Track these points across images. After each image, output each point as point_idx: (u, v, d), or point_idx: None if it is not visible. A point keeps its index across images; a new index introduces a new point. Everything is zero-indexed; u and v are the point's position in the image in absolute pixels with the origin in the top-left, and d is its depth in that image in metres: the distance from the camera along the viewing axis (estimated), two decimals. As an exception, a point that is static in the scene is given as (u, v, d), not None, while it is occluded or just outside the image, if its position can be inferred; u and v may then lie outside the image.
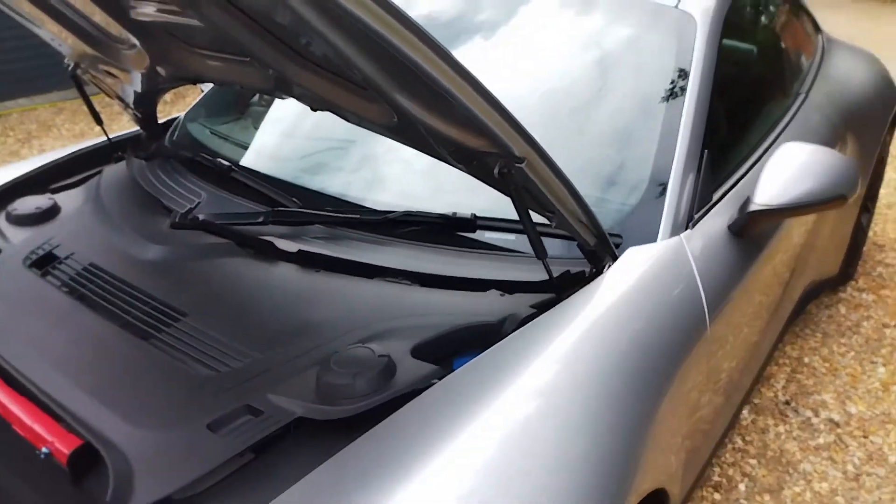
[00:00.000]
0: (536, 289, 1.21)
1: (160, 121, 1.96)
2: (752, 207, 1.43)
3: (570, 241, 1.25)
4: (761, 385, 2.43)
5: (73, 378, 1.08)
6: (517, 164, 1.05)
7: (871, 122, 2.48)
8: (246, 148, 1.79)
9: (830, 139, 2.11)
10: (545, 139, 1.09)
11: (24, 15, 1.49)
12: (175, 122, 2.00)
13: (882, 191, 3.87)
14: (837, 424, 2.27)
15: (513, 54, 1.71)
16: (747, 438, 2.20)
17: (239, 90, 1.96)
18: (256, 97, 2.02)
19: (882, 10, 9.40)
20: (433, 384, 1.01)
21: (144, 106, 1.82)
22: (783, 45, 2.27)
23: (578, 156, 1.51)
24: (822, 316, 2.82)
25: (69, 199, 1.64)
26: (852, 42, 2.99)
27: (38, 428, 1.01)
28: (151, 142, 1.87)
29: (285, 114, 1.81)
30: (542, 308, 1.17)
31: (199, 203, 1.51)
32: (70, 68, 1.72)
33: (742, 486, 2.03)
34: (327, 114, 1.26)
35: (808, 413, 2.32)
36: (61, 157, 1.84)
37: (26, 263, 1.37)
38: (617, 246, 1.32)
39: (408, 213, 1.35)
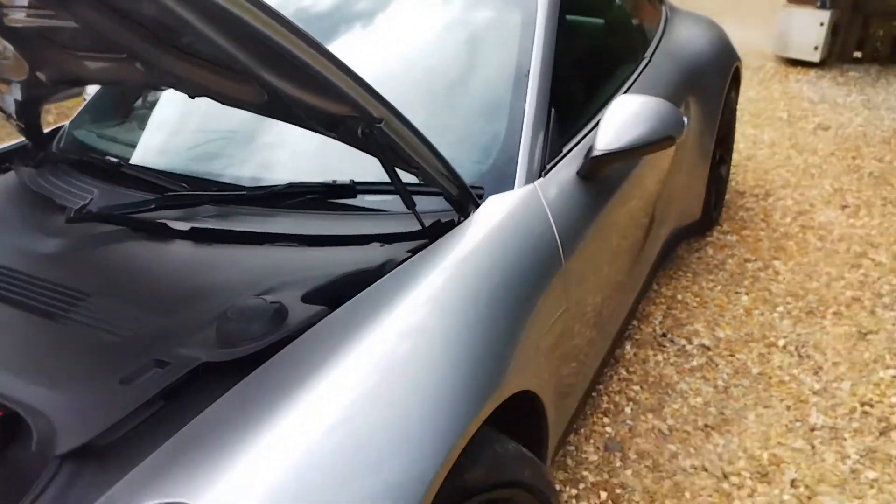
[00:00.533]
0: (411, 238, 1.38)
1: (45, 130, 2.00)
2: (594, 153, 1.65)
3: (440, 197, 1.42)
4: (641, 322, 2.70)
5: None
6: (377, 125, 1.21)
7: (711, 81, 2.78)
8: (133, 146, 1.87)
9: (671, 95, 2.37)
10: (412, 109, 1.27)
11: None
12: (60, 131, 2.05)
13: (742, 144, 4.28)
14: (708, 348, 2.56)
15: (378, 38, 1.89)
16: (630, 369, 2.45)
17: (122, 91, 2.04)
18: (140, 101, 2.10)
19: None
20: (318, 323, 1.15)
21: (27, 115, 1.87)
22: (627, 16, 2.53)
23: (442, 121, 1.70)
24: (692, 258, 3.13)
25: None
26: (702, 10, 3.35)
27: None
28: (38, 151, 1.92)
29: (169, 111, 1.90)
30: (416, 252, 1.33)
31: (91, 199, 1.59)
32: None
33: (628, 409, 2.28)
34: (209, 108, 1.38)
35: (683, 342, 2.59)
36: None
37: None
38: (480, 196, 1.50)
39: (291, 185, 1.49)
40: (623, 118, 1.66)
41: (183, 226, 1.45)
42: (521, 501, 1.28)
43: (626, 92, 2.16)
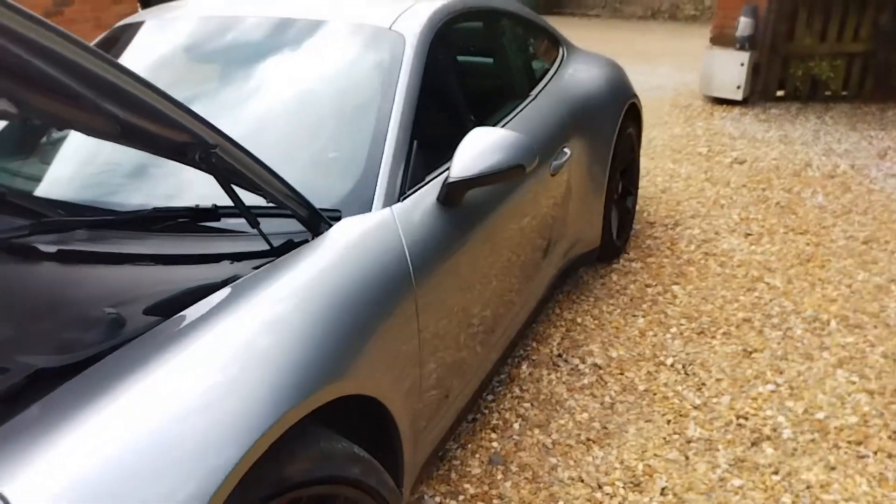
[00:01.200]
0: (260, 255, 1.49)
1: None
2: (449, 180, 1.78)
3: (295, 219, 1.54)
4: (540, 343, 2.82)
5: None
6: (212, 150, 1.33)
7: (600, 118, 2.95)
8: (30, 178, 1.97)
9: (550, 130, 2.54)
10: (279, 141, 1.39)
11: None
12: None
13: (659, 178, 4.49)
14: (600, 367, 2.68)
15: (254, 73, 2.02)
16: (523, 388, 2.56)
17: (24, 130, 2.14)
18: (44, 138, 2.20)
19: (684, 29, 10.76)
20: (148, 332, 1.25)
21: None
22: (515, 57, 2.70)
23: (307, 150, 1.83)
24: (596, 284, 3.27)
25: None
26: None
27: None
28: None
29: (60, 145, 2.01)
30: (259, 268, 1.44)
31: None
32: None
33: (516, 425, 2.38)
34: (92, 142, 1.50)
35: (577, 361, 2.72)
36: None
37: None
38: (337, 218, 1.62)
39: (156, 210, 1.60)
40: (478, 148, 1.80)
41: (51, 248, 1.55)
42: (353, 498, 1.37)
43: (504, 125, 2.32)
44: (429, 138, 1.89)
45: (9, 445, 1.04)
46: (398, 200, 1.74)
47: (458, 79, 2.28)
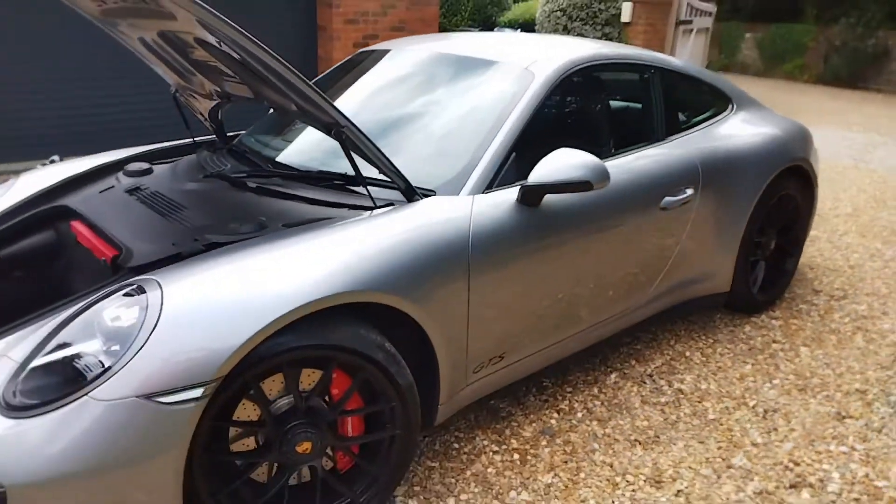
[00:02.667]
0: (367, 209, 2.17)
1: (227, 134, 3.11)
2: (526, 183, 2.30)
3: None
4: (638, 362, 3.12)
5: (115, 229, 2.16)
6: (342, 128, 2.04)
7: (742, 171, 3.15)
8: (265, 144, 2.88)
9: (676, 171, 2.87)
10: (419, 137, 2.17)
11: (144, 58, 2.70)
12: (238, 136, 3.15)
13: (856, 254, 4.38)
14: (683, 392, 2.92)
15: (413, 92, 2.74)
16: (602, 390, 2.91)
17: (277, 118, 3.07)
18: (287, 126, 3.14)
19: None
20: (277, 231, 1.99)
21: (213, 120, 2.98)
22: (646, 102, 3.06)
23: (434, 145, 2.49)
24: (725, 329, 3.44)
25: (160, 167, 2.79)
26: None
27: (101, 246, 2.11)
28: (223, 144, 3.01)
29: (286, 131, 2.90)
30: (360, 212, 2.12)
31: (221, 169, 2.59)
32: (173, 92, 2.93)
33: (580, 414, 2.75)
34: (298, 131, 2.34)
35: (663, 383, 2.98)
36: (164, 146, 3.04)
37: (125, 192, 2.51)
38: (430, 196, 2.25)
39: (321, 172, 2.37)
40: (557, 162, 2.29)
41: (252, 184, 2.39)
42: (375, 378, 1.96)
43: (617, 159, 2.75)
44: (534, 155, 2.39)
45: (190, 266, 1.82)
46: (483, 193, 2.30)
47: (583, 114, 2.76)
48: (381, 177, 2.21)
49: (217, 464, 1.87)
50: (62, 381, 1.62)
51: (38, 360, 1.66)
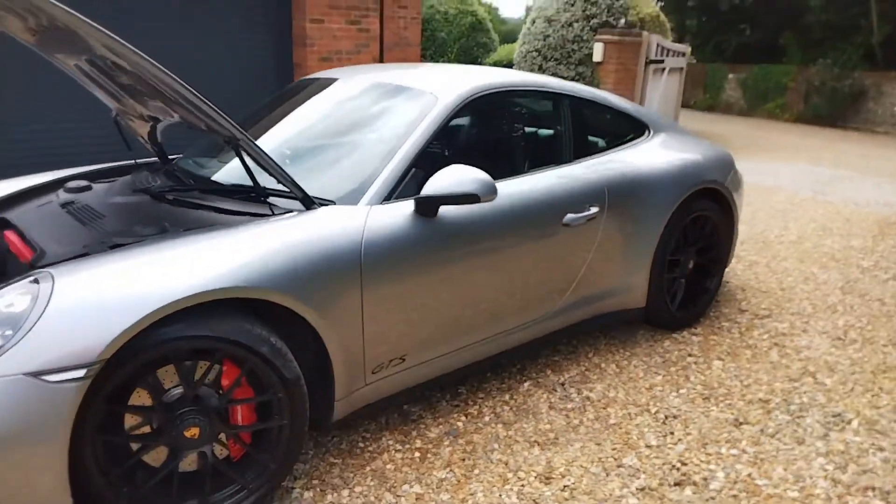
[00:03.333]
0: (261, 215, 2.35)
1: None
2: (419, 195, 2.49)
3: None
4: (553, 371, 3.27)
5: (39, 236, 2.35)
6: (238, 141, 2.24)
7: (652, 192, 3.34)
8: (195, 161, 3.08)
9: (579, 190, 3.06)
10: (328, 151, 2.34)
11: (84, 84, 2.92)
12: (176, 157, 3.36)
13: (790, 277, 4.54)
14: (590, 399, 3.06)
15: (324, 110, 2.97)
16: (514, 397, 3.05)
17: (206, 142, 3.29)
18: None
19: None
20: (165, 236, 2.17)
21: (153, 142, 3.19)
22: (555, 127, 3.28)
23: (338, 163, 2.68)
24: (644, 344, 3.59)
25: (99, 185, 2.99)
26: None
27: (23, 250, 2.30)
28: (163, 165, 3.22)
29: (212, 151, 3.11)
30: (256, 218, 2.31)
31: (149, 185, 2.79)
32: (114, 116, 3.15)
33: (487, 418, 2.89)
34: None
35: (573, 391, 3.12)
36: (108, 166, 3.25)
37: (59, 206, 2.71)
38: (327, 204, 2.44)
39: (233, 185, 2.57)
40: (449, 177, 2.48)
41: (171, 196, 2.59)
42: (260, 371, 2.11)
43: (517, 177, 2.94)
44: (436, 171, 2.57)
45: (89, 262, 2.00)
46: (381, 204, 2.49)
47: (487, 135, 2.96)
48: (282, 188, 2.41)
49: (114, 447, 2.02)
50: None
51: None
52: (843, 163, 9.86)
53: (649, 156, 3.48)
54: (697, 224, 3.63)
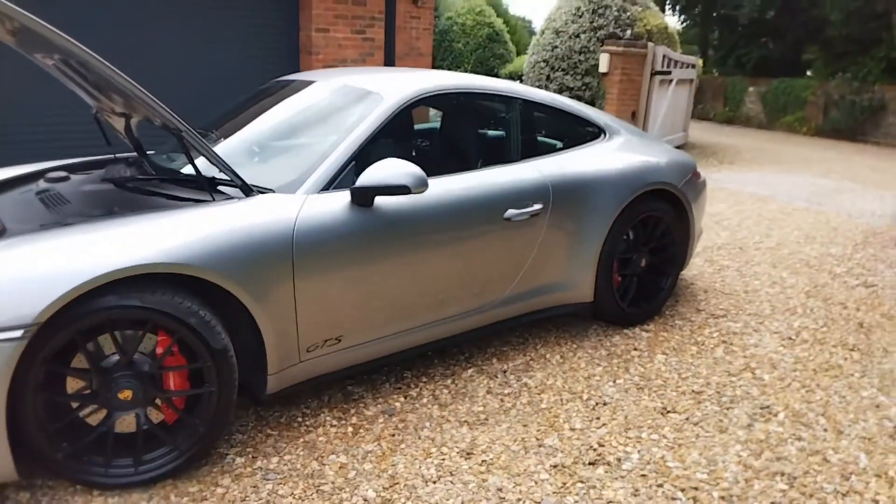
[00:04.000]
0: (202, 200, 2.57)
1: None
2: (354, 185, 2.68)
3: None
4: (498, 360, 3.42)
5: (8, 217, 2.60)
6: (180, 133, 2.46)
7: (598, 191, 3.48)
8: (165, 155, 3.32)
9: (523, 188, 3.22)
10: (275, 148, 2.54)
11: (64, 82, 3.18)
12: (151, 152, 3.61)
13: (756, 281, 4.63)
14: (528, 386, 3.20)
15: (294, 115, 3.19)
16: (456, 382, 3.21)
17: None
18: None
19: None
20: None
21: (130, 137, 3.44)
22: (503, 128, 3.46)
23: (284, 156, 2.89)
24: (593, 338, 3.72)
25: (77, 176, 3.24)
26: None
27: None
28: (141, 159, 3.47)
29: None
30: (198, 204, 2.52)
31: (116, 176, 3.03)
32: (94, 113, 3.41)
33: (425, 399, 3.06)
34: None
35: (513, 378, 3.27)
36: (89, 159, 3.51)
37: (34, 194, 2.96)
38: (265, 192, 2.64)
39: (181, 174, 2.79)
40: (383, 169, 2.66)
41: (131, 185, 2.82)
42: (188, 342, 2.32)
43: (456, 175, 3.12)
44: (367, 164, 2.77)
45: (37, 236, 2.23)
46: (318, 193, 2.69)
47: (431, 134, 3.15)
48: (224, 177, 2.62)
49: (55, 406, 2.24)
50: None
51: None
52: (852, 175, 9.82)
53: (599, 158, 3.63)
54: (648, 224, 3.76)
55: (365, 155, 2.85)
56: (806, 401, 3.16)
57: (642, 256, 3.81)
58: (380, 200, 2.77)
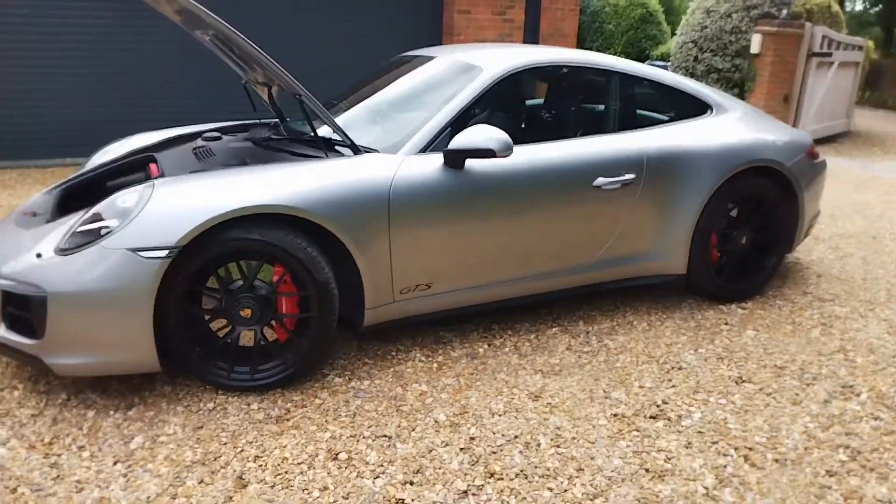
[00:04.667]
0: (320, 157, 3.00)
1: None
2: (446, 148, 3.00)
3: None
4: (585, 323, 3.62)
5: (168, 165, 3.18)
6: (300, 97, 2.90)
7: (698, 168, 3.56)
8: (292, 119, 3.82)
9: (615, 157, 3.39)
10: (387, 116, 3.00)
11: (220, 56, 3.75)
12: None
13: (881, 269, 4.45)
14: (608, 347, 3.39)
15: (394, 79, 3.55)
16: (540, 339, 3.45)
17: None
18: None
19: None
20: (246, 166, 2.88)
21: (273, 105, 3.98)
22: (600, 101, 3.62)
23: (393, 122, 3.26)
24: (686, 312, 3.80)
25: (228, 136, 3.82)
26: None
27: (156, 173, 3.14)
28: (280, 124, 4.01)
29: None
30: (316, 159, 2.96)
31: (263, 135, 3.56)
32: (243, 83, 3.97)
33: (507, 349, 3.34)
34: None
35: (595, 339, 3.46)
36: (239, 123, 4.10)
37: (191, 149, 3.55)
38: (371, 152, 3.04)
39: (311, 135, 3.25)
40: (472, 135, 2.96)
41: (264, 143, 3.33)
42: (297, 272, 2.75)
43: (557, 143, 3.34)
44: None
45: (186, 180, 2.77)
46: (416, 154, 3.04)
47: (530, 105, 3.39)
48: (338, 138, 3.04)
49: (192, 318, 2.77)
50: (88, 237, 2.60)
51: (78, 227, 2.67)
52: None
53: (700, 132, 3.69)
54: (752, 201, 3.77)
55: (463, 122, 3.15)
56: (895, 385, 3.10)
57: (744, 233, 3.82)
58: (470, 163, 3.07)
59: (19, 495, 2.25)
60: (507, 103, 3.48)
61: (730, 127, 3.80)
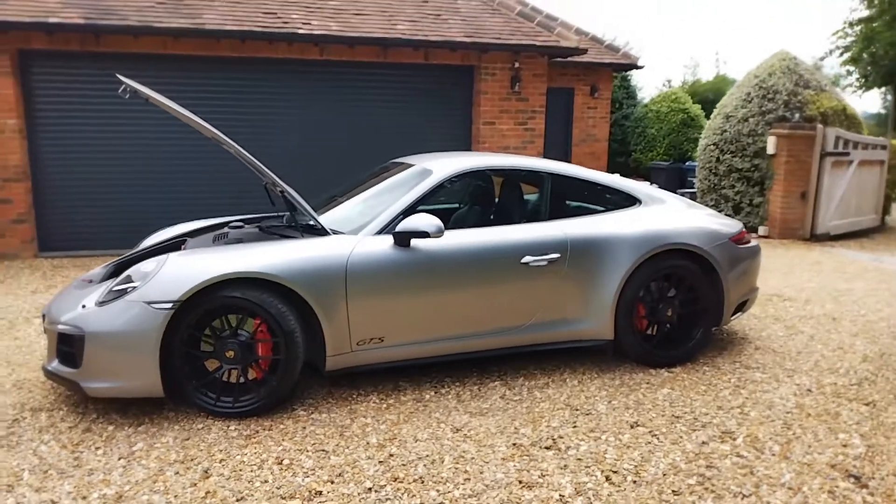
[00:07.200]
0: (297, 237, 3.92)
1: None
2: (395, 230, 3.87)
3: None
4: (525, 378, 4.28)
5: (193, 245, 4.18)
6: (267, 185, 3.87)
7: (611, 248, 4.26)
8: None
9: (542, 241, 4.16)
10: (360, 206, 3.99)
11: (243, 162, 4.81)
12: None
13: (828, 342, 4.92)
14: (535, 396, 4.03)
15: (381, 185, 4.49)
16: (482, 389, 4.15)
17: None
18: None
19: None
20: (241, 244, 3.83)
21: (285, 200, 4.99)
22: (535, 196, 4.42)
23: (364, 211, 4.18)
24: (616, 373, 4.40)
25: (247, 226, 4.83)
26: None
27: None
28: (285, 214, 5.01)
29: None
30: (295, 239, 3.88)
31: (261, 224, 4.55)
32: (264, 185, 5.02)
33: (450, 396, 4.04)
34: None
35: (526, 391, 4.12)
36: (258, 216, 5.13)
37: (213, 234, 4.57)
38: (338, 233, 3.95)
39: (298, 222, 4.21)
40: (413, 220, 3.83)
41: (265, 231, 4.30)
42: (270, 324, 3.61)
43: (492, 228, 4.16)
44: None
45: (193, 253, 3.74)
46: (373, 235, 3.92)
47: (474, 198, 4.26)
48: (311, 223, 3.98)
49: (190, 355, 3.65)
50: (119, 293, 3.57)
51: (114, 286, 3.65)
52: None
53: (622, 221, 4.42)
54: (672, 279, 4.41)
55: (416, 212, 4.03)
56: (774, 433, 3.59)
57: (669, 306, 4.45)
58: (416, 243, 3.91)
59: (49, 475, 3.11)
60: (457, 197, 4.36)
61: (652, 216, 4.51)
